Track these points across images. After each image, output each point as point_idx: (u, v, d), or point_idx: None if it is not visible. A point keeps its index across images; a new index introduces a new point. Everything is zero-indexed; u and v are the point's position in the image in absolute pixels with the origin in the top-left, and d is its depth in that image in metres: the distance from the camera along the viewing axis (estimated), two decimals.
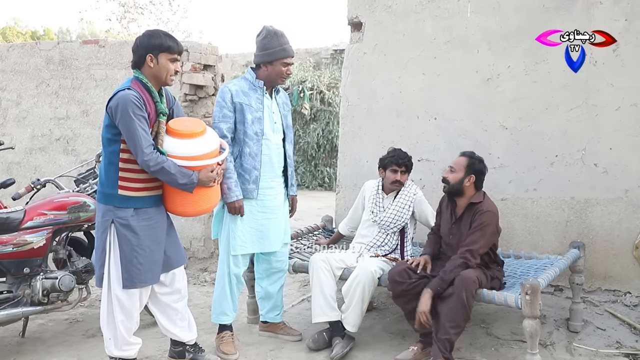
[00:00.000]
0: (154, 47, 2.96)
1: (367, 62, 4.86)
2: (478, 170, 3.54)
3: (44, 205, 3.62)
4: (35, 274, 3.56)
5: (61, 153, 6.06)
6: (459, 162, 3.56)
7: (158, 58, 2.96)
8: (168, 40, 2.99)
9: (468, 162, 3.53)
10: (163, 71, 2.99)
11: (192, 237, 5.66)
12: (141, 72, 2.98)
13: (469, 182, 3.52)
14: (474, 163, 3.54)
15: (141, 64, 2.98)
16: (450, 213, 3.62)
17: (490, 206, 3.52)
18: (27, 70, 6.11)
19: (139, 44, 2.98)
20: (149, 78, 2.98)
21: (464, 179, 3.51)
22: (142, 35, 3.03)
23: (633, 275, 4.16)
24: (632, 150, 4.07)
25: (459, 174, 3.53)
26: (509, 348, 3.66)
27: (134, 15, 20.30)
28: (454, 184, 3.54)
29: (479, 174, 3.55)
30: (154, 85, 2.99)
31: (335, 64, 13.32)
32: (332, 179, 11.61)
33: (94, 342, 3.81)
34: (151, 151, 2.85)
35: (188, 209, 3.15)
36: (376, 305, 4.46)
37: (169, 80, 3.04)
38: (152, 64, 2.96)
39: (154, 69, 2.97)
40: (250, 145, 3.50)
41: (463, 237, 3.48)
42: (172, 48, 2.99)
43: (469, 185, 3.53)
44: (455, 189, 3.55)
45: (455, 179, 3.53)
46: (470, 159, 3.55)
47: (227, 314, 3.66)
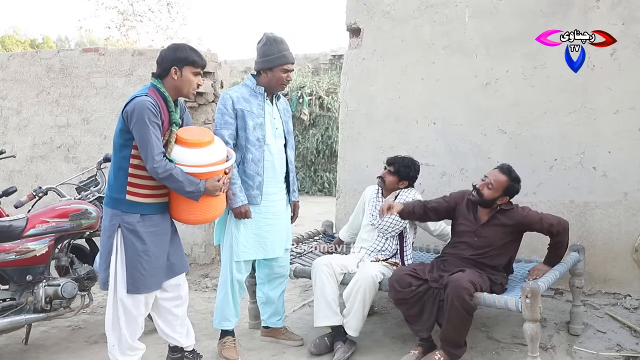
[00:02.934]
0: (179, 60, 3.02)
1: (366, 68, 4.89)
2: (514, 192, 3.56)
3: (46, 213, 3.63)
4: (38, 281, 3.57)
5: (62, 161, 6.08)
6: (499, 181, 3.53)
7: (182, 71, 3.02)
8: (193, 54, 3.06)
9: (508, 185, 3.52)
10: (186, 84, 3.05)
11: (194, 244, 5.67)
12: (161, 81, 3.04)
13: (502, 201, 3.56)
14: (513, 187, 3.54)
15: (164, 75, 3.04)
16: (473, 216, 3.64)
17: (523, 209, 3.58)
18: (28, 78, 6.14)
19: (165, 56, 3.04)
20: (169, 89, 3.04)
21: (498, 198, 3.54)
22: (168, 48, 3.09)
23: (633, 278, 4.17)
24: (631, 154, 4.09)
25: (496, 192, 3.53)
26: (509, 351, 3.67)
27: (133, 23, 20.36)
28: (487, 200, 3.56)
29: (514, 195, 3.57)
30: (172, 95, 3.05)
31: (334, 69, 13.35)
32: (332, 184, 11.62)
33: (96, 348, 3.82)
34: (161, 158, 2.89)
35: (193, 217, 3.16)
36: (377, 309, 4.47)
37: (190, 94, 3.11)
38: (176, 76, 3.02)
39: (177, 81, 3.03)
40: (253, 151, 3.51)
41: (492, 240, 3.52)
42: (197, 62, 3.06)
43: (501, 203, 3.57)
44: (485, 203, 3.58)
45: (490, 196, 3.54)
46: (511, 182, 3.53)
47: (230, 319, 3.67)
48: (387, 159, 4.00)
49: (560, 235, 3.53)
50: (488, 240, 3.55)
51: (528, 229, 3.59)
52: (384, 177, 3.96)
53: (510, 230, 3.56)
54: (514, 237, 3.60)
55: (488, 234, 3.56)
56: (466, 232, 3.64)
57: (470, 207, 3.67)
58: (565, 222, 3.56)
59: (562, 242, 3.57)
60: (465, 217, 3.67)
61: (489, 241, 3.54)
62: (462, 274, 3.32)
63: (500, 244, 3.55)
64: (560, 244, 3.57)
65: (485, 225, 3.58)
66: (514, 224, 3.54)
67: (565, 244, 3.58)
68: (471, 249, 3.58)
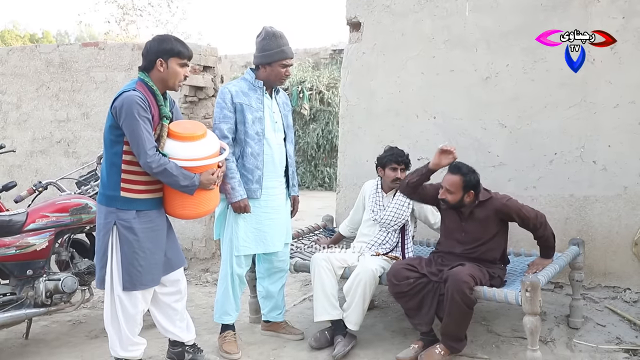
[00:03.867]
0: (164, 52, 2.97)
1: (366, 62, 4.88)
2: (474, 184, 3.52)
3: (46, 207, 3.63)
4: (38, 276, 3.57)
5: (62, 155, 6.08)
6: (454, 184, 3.51)
7: (168, 63, 2.98)
8: (178, 45, 3.02)
9: (463, 182, 3.49)
10: (172, 75, 3.01)
11: (194, 238, 5.67)
12: (148, 75, 3.00)
13: (469, 197, 3.53)
14: (469, 180, 3.50)
15: (150, 68, 2.99)
16: (457, 213, 3.63)
17: (503, 197, 3.57)
18: (27, 73, 6.13)
19: (149, 48, 3.00)
20: (156, 82, 3.00)
21: (463, 197, 3.52)
22: (153, 40, 3.04)
23: (632, 272, 4.18)
24: (631, 147, 4.09)
25: (457, 195, 3.51)
26: (509, 345, 3.68)
27: (133, 18, 20.33)
28: (454, 204, 3.55)
29: (476, 186, 3.54)
30: (159, 89, 3.01)
31: (334, 64, 13.34)
32: (332, 178, 11.62)
33: (97, 343, 3.83)
34: (154, 153, 2.86)
35: (188, 212, 3.15)
36: (377, 303, 4.48)
37: (177, 86, 3.07)
38: (162, 68, 2.98)
39: (164, 73, 2.99)
40: (252, 145, 3.51)
41: (478, 234, 3.51)
42: (183, 53, 3.01)
43: (470, 199, 3.54)
44: (456, 206, 3.57)
45: (455, 200, 3.53)
46: (464, 177, 3.50)
47: (230, 313, 3.68)
48: (387, 159, 3.91)
49: (539, 230, 3.50)
50: (474, 235, 3.54)
51: (508, 219, 3.56)
52: (401, 178, 3.89)
53: (493, 220, 3.54)
54: (500, 227, 3.57)
55: (473, 229, 3.56)
56: (453, 228, 3.65)
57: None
58: (542, 217, 3.53)
59: (545, 236, 3.54)
60: (450, 217, 3.67)
61: (475, 236, 3.54)
62: (462, 268, 3.32)
63: (487, 237, 3.53)
64: (543, 238, 3.54)
65: (468, 219, 3.58)
66: (494, 212, 3.52)
67: (549, 237, 3.55)
68: (460, 245, 3.58)
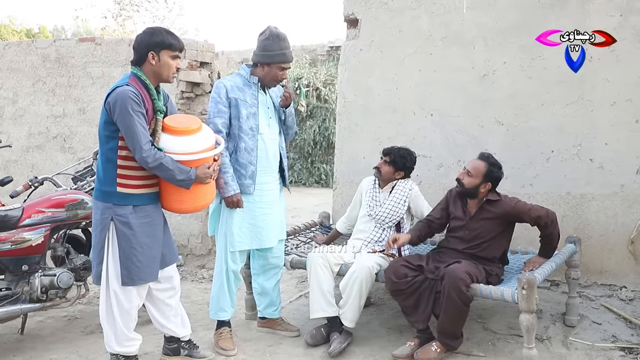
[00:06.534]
0: (155, 45, 2.95)
1: (363, 59, 4.87)
2: (496, 178, 3.52)
3: (42, 202, 3.62)
4: (34, 271, 3.56)
5: (58, 151, 6.06)
6: (477, 167, 3.52)
7: (160, 55, 2.96)
8: (170, 37, 2.99)
9: (487, 170, 3.50)
10: (165, 68, 2.99)
11: (190, 234, 5.66)
12: (140, 69, 2.98)
13: (485, 188, 3.53)
14: (492, 171, 3.50)
15: (142, 62, 2.98)
16: (462, 210, 3.63)
17: (512, 199, 3.55)
18: (24, 68, 6.11)
19: (140, 41, 2.98)
20: (148, 75, 2.98)
21: (479, 185, 3.51)
22: (143, 33, 3.02)
23: (628, 270, 4.18)
24: (628, 145, 4.09)
25: (476, 179, 3.51)
26: (505, 342, 3.68)
27: (130, 13, 20.33)
28: (469, 188, 3.54)
29: (496, 181, 3.54)
30: (152, 82, 2.99)
31: (331, 60, 13.33)
32: (329, 175, 11.63)
33: (93, 338, 3.82)
34: (150, 147, 2.85)
35: (185, 206, 3.15)
36: (373, 300, 4.48)
37: (170, 78, 3.05)
38: (154, 61, 2.96)
39: (156, 66, 2.97)
40: (246, 140, 3.50)
41: (482, 232, 3.51)
42: (174, 45, 2.99)
43: (484, 191, 3.54)
44: (469, 192, 3.56)
45: (471, 184, 3.52)
46: (490, 167, 3.50)
47: (226, 310, 3.68)
48: (384, 150, 3.99)
49: (549, 227, 3.49)
50: (478, 232, 3.54)
51: (517, 220, 3.57)
52: (380, 167, 3.95)
53: (499, 222, 3.54)
54: (504, 228, 3.58)
55: (477, 226, 3.55)
56: (458, 227, 3.65)
57: (459, 202, 3.67)
58: (553, 214, 3.52)
59: (552, 235, 3.53)
60: (456, 213, 3.68)
61: (478, 233, 3.54)
62: (459, 265, 3.32)
63: (490, 236, 3.54)
64: (550, 236, 3.53)
65: (474, 218, 3.58)
66: (502, 215, 3.52)
67: (555, 236, 3.54)
68: (463, 242, 3.58)
